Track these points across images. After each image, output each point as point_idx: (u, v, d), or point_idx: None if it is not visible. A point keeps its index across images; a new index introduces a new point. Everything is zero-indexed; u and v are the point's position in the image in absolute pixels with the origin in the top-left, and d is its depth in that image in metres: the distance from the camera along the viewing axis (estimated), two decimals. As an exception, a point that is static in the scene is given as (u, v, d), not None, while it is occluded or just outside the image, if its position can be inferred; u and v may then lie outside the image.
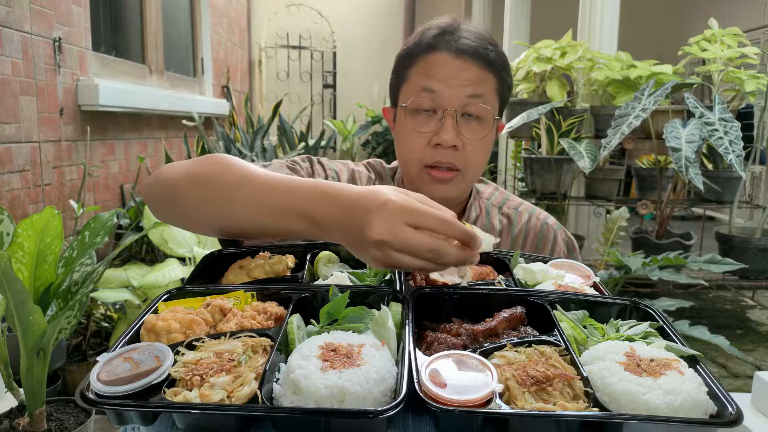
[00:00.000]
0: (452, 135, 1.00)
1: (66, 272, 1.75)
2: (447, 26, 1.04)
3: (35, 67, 2.45)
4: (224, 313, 0.73)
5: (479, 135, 1.03)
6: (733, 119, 2.66)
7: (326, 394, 0.55)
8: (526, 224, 1.20)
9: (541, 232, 1.19)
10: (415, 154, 1.04)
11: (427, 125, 1.02)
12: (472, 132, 1.03)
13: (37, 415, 1.71)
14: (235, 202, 0.79)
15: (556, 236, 1.20)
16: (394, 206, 0.67)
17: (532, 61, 3.39)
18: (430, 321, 0.75)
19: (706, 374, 0.61)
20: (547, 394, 0.58)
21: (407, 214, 0.67)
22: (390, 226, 0.66)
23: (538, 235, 1.19)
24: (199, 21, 4.76)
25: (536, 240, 1.18)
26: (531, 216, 1.21)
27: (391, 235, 0.66)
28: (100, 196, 3.04)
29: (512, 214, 1.21)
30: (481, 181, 1.27)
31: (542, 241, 1.19)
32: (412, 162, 1.05)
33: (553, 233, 1.19)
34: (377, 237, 0.66)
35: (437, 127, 1.02)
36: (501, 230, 1.19)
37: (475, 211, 1.19)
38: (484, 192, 1.24)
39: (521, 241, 1.19)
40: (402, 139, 1.07)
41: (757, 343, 3.41)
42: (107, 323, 2.46)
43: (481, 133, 1.04)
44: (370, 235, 0.67)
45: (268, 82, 6.83)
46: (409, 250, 0.67)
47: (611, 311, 0.76)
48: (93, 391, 0.56)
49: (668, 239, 3.28)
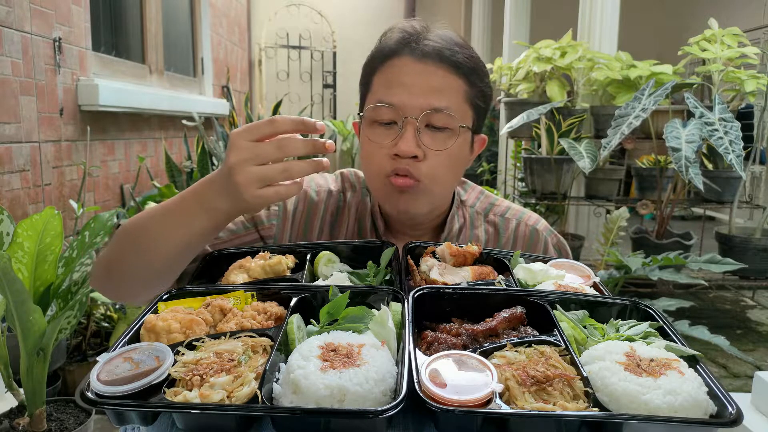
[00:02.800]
0: (411, 145, 0.92)
1: (66, 272, 1.75)
2: (412, 30, 0.97)
3: (35, 67, 2.45)
4: (224, 313, 0.73)
5: (443, 145, 0.95)
6: (733, 119, 2.66)
7: (326, 394, 0.55)
8: (514, 232, 1.12)
9: (531, 240, 1.12)
10: (376, 167, 0.97)
11: (387, 136, 0.95)
12: (435, 142, 0.94)
13: (37, 415, 1.71)
14: (148, 238, 0.86)
15: (546, 243, 1.13)
16: (232, 135, 0.77)
17: (532, 61, 3.39)
18: (430, 321, 0.75)
19: (706, 374, 0.61)
20: (547, 394, 0.58)
21: (243, 133, 0.77)
22: (236, 149, 0.76)
23: (527, 242, 1.12)
24: (199, 21, 4.76)
25: (525, 248, 1.11)
26: (519, 222, 1.13)
27: (238, 153, 0.76)
28: (100, 196, 3.04)
29: (498, 221, 1.13)
30: (463, 186, 1.19)
31: (532, 250, 1.11)
32: (375, 174, 0.99)
33: (543, 240, 1.12)
34: (232, 162, 0.76)
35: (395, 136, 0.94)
36: (487, 240, 1.12)
37: (458, 222, 1.11)
38: (467, 199, 1.15)
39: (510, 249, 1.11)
40: (364, 150, 1.00)
41: (757, 343, 3.41)
42: (107, 323, 2.46)
43: (446, 143, 0.95)
44: (228, 166, 0.76)
45: (268, 82, 6.83)
46: (258, 157, 0.76)
47: (611, 311, 0.76)
48: (93, 391, 0.56)
49: (668, 239, 3.28)
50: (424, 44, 0.94)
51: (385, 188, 0.98)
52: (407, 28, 0.98)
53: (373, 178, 1.00)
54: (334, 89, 6.99)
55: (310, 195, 1.11)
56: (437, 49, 0.94)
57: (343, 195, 1.12)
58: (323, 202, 1.11)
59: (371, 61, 1.00)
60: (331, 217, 1.10)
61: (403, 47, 0.95)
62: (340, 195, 1.12)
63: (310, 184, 1.13)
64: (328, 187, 1.13)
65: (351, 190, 1.13)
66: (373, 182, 1.01)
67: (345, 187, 1.14)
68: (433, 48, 0.94)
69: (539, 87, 3.52)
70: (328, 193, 1.12)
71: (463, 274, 0.86)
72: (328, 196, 1.11)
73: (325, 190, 1.12)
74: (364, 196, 1.12)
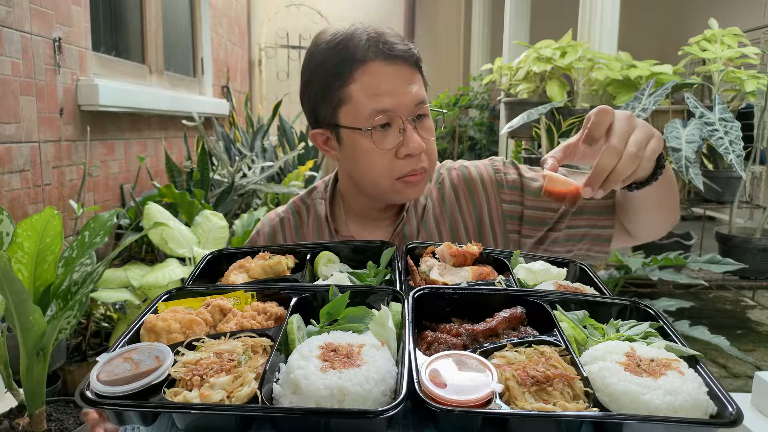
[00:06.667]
0: (418, 142, 1.01)
1: (66, 272, 1.75)
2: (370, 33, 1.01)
3: (35, 67, 2.45)
4: (224, 313, 0.73)
5: (432, 131, 1.07)
6: (734, 119, 2.66)
7: (326, 394, 0.55)
8: (451, 182, 1.18)
9: (467, 179, 1.17)
10: (385, 170, 1.02)
11: (388, 140, 1.01)
12: (427, 131, 1.05)
13: (36, 415, 1.71)
14: None
15: (479, 171, 1.17)
16: None
17: (532, 61, 3.39)
18: (430, 321, 0.75)
19: (706, 374, 0.61)
20: (547, 395, 0.58)
21: None
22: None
23: (465, 182, 1.17)
24: (199, 21, 4.76)
25: (467, 188, 1.16)
26: (450, 170, 1.19)
27: None
28: (100, 196, 3.04)
29: (437, 178, 1.19)
30: None
31: (472, 185, 1.16)
32: (383, 177, 1.03)
33: (475, 171, 1.17)
34: None
35: (399, 138, 1.00)
36: (436, 206, 1.16)
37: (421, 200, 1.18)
38: None
39: (455, 200, 1.16)
40: (363, 156, 1.03)
41: (757, 343, 3.41)
42: (107, 323, 2.46)
43: (432, 128, 1.07)
44: None
45: (268, 82, 6.83)
46: None
47: (611, 311, 0.76)
48: (93, 391, 0.56)
49: (668, 239, 3.28)
50: (388, 47, 1.00)
51: (393, 187, 1.04)
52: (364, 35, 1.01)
53: (379, 181, 1.04)
54: (334, 89, 6.98)
55: (266, 231, 1.20)
56: (400, 48, 1.01)
57: (299, 215, 1.21)
58: (278, 228, 1.20)
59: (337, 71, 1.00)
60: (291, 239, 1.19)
61: (370, 52, 0.99)
62: (294, 216, 1.20)
63: (264, 223, 1.22)
64: (279, 216, 1.22)
65: (304, 208, 1.21)
66: (380, 183, 1.04)
67: (298, 208, 1.22)
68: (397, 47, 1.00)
69: (539, 87, 3.51)
70: (280, 221, 1.20)
71: (463, 274, 0.86)
72: (280, 223, 1.20)
73: (277, 219, 1.21)
74: (317, 207, 1.20)
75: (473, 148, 6.39)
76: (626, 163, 0.78)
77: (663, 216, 1.05)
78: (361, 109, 0.99)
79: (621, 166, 0.78)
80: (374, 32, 1.01)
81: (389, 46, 1.00)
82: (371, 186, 1.06)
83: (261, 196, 3.56)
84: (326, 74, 1.02)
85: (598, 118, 0.80)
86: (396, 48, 1.00)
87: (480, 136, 6.27)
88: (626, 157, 0.78)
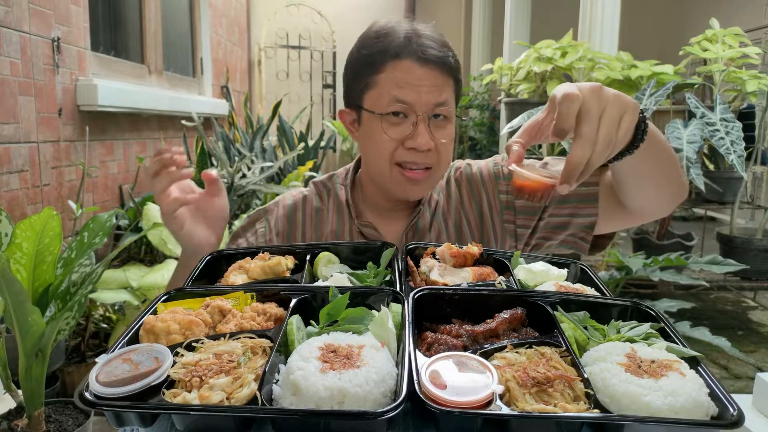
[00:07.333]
0: (426, 139, 1.05)
1: (65, 273, 1.75)
2: (409, 32, 1.07)
3: (34, 67, 2.44)
4: (224, 314, 0.72)
5: (448, 135, 1.09)
6: (735, 119, 2.66)
7: (326, 395, 0.55)
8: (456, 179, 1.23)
9: (469, 176, 1.22)
10: (387, 153, 1.08)
11: (399, 129, 1.06)
12: (442, 133, 1.08)
13: (35, 416, 1.70)
14: None
15: (480, 167, 1.22)
16: None
17: (532, 61, 3.39)
18: (430, 322, 0.74)
19: (707, 375, 0.61)
20: (547, 396, 0.58)
21: None
22: None
23: (468, 178, 1.22)
24: (198, 21, 4.76)
25: (469, 184, 1.21)
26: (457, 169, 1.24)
27: None
28: (99, 197, 3.04)
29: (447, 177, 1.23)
30: None
31: (473, 180, 1.21)
32: (383, 159, 1.09)
33: (476, 167, 1.23)
34: None
35: (409, 131, 1.05)
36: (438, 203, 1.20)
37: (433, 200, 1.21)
38: None
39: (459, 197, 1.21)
40: (372, 139, 1.09)
41: (759, 344, 3.41)
42: (106, 324, 2.46)
43: (449, 133, 1.10)
44: None
45: (267, 82, 6.83)
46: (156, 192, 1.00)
47: (612, 312, 0.75)
48: (92, 393, 0.56)
49: (669, 240, 3.28)
50: (423, 49, 1.05)
51: (392, 173, 1.09)
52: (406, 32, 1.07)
53: (381, 160, 1.09)
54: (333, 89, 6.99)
55: (287, 203, 1.23)
56: (435, 53, 1.05)
57: (320, 197, 1.23)
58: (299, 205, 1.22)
59: (372, 61, 1.08)
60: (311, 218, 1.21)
61: (407, 51, 1.05)
62: (316, 197, 1.23)
63: (286, 197, 1.25)
64: (302, 194, 1.24)
65: (325, 192, 1.24)
66: (380, 164, 1.10)
67: (320, 191, 1.24)
68: (434, 54, 1.05)
69: (540, 87, 3.51)
70: (303, 198, 1.23)
71: (463, 275, 0.86)
72: (303, 200, 1.22)
73: (300, 195, 1.24)
74: (338, 191, 1.22)
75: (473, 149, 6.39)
76: (601, 151, 0.74)
77: (659, 186, 1.00)
78: (384, 95, 1.06)
79: (595, 156, 0.74)
80: (413, 32, 1.06)
81: (423, 49, 1.04)
82: (376, 172, 1.12)
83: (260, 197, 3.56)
84: (362, 60, 1.09)
85: (566, 108, 0.73)
86: (429, 52, 1.05)
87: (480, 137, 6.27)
88: (600, 144, 0.74)
